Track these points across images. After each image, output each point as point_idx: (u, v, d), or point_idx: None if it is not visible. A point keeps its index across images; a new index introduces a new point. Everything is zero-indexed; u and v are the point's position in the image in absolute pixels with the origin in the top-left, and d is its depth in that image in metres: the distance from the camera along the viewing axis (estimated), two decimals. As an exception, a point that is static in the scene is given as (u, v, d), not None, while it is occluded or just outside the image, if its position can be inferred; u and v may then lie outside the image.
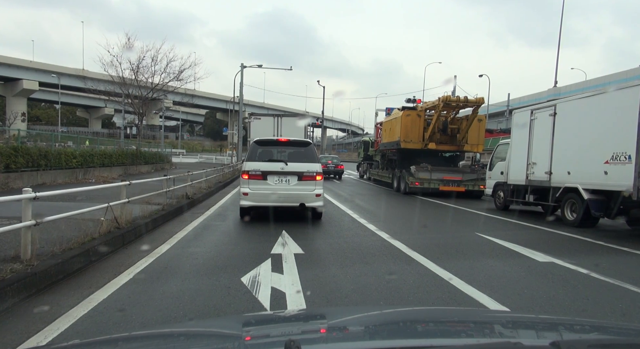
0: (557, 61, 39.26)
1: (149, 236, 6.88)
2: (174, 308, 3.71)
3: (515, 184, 11.59)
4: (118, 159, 20.88)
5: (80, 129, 74.34)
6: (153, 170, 24.62)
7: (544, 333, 1.52)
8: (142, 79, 23.63)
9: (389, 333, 1.51)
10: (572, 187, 9.27)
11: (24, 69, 56.46)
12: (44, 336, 3.08)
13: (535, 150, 10.72)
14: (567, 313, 3.91)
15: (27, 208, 4.46)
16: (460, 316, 1.85)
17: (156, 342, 1.51)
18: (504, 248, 6.69)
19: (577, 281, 4.99)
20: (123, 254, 5.68)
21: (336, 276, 4.86)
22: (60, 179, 15.11)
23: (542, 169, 10.34)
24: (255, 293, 4.11)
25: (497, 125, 43.13)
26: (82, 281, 4.43)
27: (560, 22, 56.07)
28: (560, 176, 9.76)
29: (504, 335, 1.52)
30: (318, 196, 8.19)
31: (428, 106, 16.85)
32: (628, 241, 7.89)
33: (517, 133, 11.62)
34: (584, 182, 8.99)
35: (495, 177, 12.82)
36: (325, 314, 2.01)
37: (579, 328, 1.61)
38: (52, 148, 15.68)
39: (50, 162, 14.67)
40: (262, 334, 1.55)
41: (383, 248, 6.44)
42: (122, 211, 6.76)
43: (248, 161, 8.41)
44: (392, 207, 13.51)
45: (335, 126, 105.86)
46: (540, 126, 10.58)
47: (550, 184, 10.08)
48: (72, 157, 16.33)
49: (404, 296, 4.23)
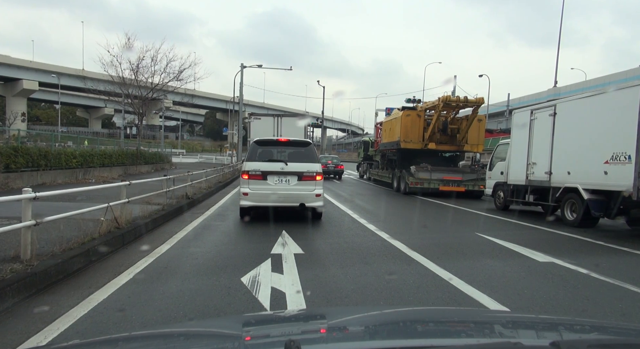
0: (557, 61, 39.33)
1: (148, 236, 6.88)
2: (173, 308, 3.71)
3: (515, 184, 11.59)
4: (118, 159, 20.87)
5: (80, 129, 74.35)
6: (153, 170, 24.61)
7: (544, 333, 1.52)
8: (142, 79, 23.65)
9: (389, 333, 1.51)
10: (572, 187, 9.27)
11: (24, 69, 56.48)
12: (43, 336, 3.08)
13: (535, 150, 10.72)
14: (568, 313, 3.91)
15: (26, 208, 4.46)
16: (460, 316, 1.85)
17: (156, 342, 1.51)
18: (504, 248, 6.69)
19: (577, 281, 4.99)
20: (123, 254, 5.68)
21: (336, 276, 4.86)
22: (60, 179, 15.10)
23: (542, 169, 10.34)
24: (255, 293, 4.11)
25: (497, 125, 43.14)
26: (82, 281, 4.43)
27: (560, 22, 56.20)
28: (560, 176, 9.76)
29: (504, 335, 1.52)
30: (318, 196, 8.19)
31: (428, 106, 16.86)
32: (628, 241, 7.89)
33: (517, 133, 11.62)
34: (584, 182, 8.99)
35: (495, 177, 12.82)
36: (325, 314, 2.01)
37: (578, 327, 1.61)
38: (52, 148, 15.66)
39: (50, 162, 14.66)
40: (262, 334, 1.55)
41: (383, 248, 6.44)
42: (122, 211, 6.76)
43: (248, 161, 8.40)
44: (392, 207, 13.51)
45: (335, 126, 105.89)
46: (540, 126, 10.58)
47: (550, 184, 10.08)
48: (72, 157, 16.31)
49: (404, 296, 4.23)
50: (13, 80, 56.64)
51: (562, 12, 43.12)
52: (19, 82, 56.68)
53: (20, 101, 58.61)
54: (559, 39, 50.42)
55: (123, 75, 23.06)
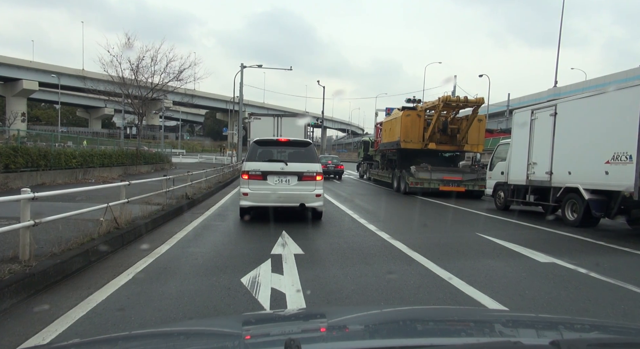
0: (557, 61, 39.31)
1: (148, 236, 6.85)
2: (173, 308, 3.69)
3: (516, 184, 11.57)
4: (118, 159, 20.82)
5: (80, 129, 74.36)
6: (153, 170, 24.53)
7: (544, 332, 1.51)
8: (142, 79, 23.61)
9: (389, 332, 1.51)
10: (573, 187, 9.25)
11: (24, 69, 56.48)
12: (42, 337, 3.07)
13: (535, 150, 10.69)
14: (569, 314, 3.89)
15: (25, 208, 4.44)
16: (460, 316, 1.85)
17: (156, 341, 1.50)
18: (504, 248, 6.67)
19: (579, 281, 4.97)
20: (122, 255, 5.65)
21: (337, 276, 4.84)
22: (60, 179, 15.06)
23: (542, 169, 10.32)
24: (255, 293, 4.09)
25: (497, 125, 43.10)
26: (81, 282, 4.40)
27: (561, 21, 56.44)
28: (560, 176, 9.74)
29: (503, 334, 1.51)
30: (318, 196, 8.16)
31: (428, 106, 16.86)
32: (629, 241, 7.87)
33: (518, 133, 11.60)
34: (585, 182, 8.96)
35: (495, 177, 12.80)
36: (325, 313, 2.01)
37: (578, 327, 1.60)
38: (51, 148, 15.60)
39: (50, 162, 14.62)
40: (262, 334, 1.54)
41: (383, 248, 6.42)
42: (122, 212, 6.72)
43: (248, 161, 8.37)
44: (392, 207, 13.49)
45: (335, 126, 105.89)
46: (540, 126, 10.56)
47: (550, 184, 10.06)
48: (71, 157, 16.25)
49: (405, 296, 4.21)
50: (13, 80, 56.63)
51: (562, 12, 43.01)
52: (18, 82, 56.67)
53: (20, 101, 58.60)
54: (559, 39, 50.69)
55: (123, 75, 23.06)
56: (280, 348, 1.02)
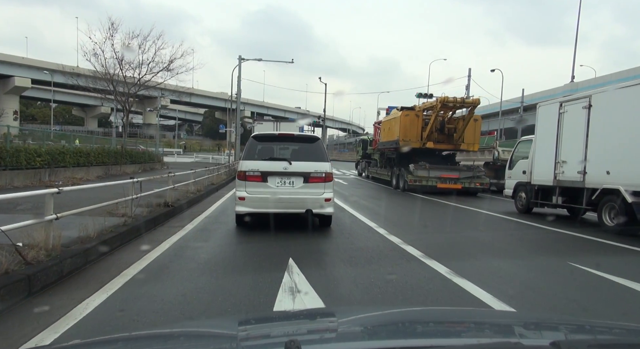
0: (574, 56, 37.39)
1: (75, 278, 4.30)
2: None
3: (541, 185, 10.54)
4: (98, 158, 18.31)
5: (75, 128, 72.99)
6: (140, 170, 22.00)
7: (544, 332, 1.51)
8: (127, 68, 21.86)
9: (389, 333, 1.47)
10: (613, 189, 8.21)
11: (16, 66, 55.17)
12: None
13: (565, 147, 9.65)
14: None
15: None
16: (460, 316, 1.82)
17: (156, 342, 1.47)
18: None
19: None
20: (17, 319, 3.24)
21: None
22: (19, 181, 12.39)
23: (574, 169, 9.27)
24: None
25: (500, 124, 42.00)
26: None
27: (578, 18, 56.60)
28: (596, 176, 8.69)
29: (504, 335, 1.49)
30: (328, 200, 6.94)
31: (426, 106, 17.38)
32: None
33: (543, 128, 10.55)
34: (627, 183, 7.94)
35: (516, 177, 11.77)
36: (325, 314, 2.04)
37: (579, 327, 1.57)
38: (7, 144, 12.90)
39: (5, 161, 12.05)
40: (262, 334, 1.50)
41: (430, 281, 5.33)
42: (45, 234, 4.43)
43: (245, 159, 7.08)
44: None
45: (335, 125, 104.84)
46: (571, 120, 9.51)
47: (584, 185, 9.02)
48: (35, 155, 13.46)
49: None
50: (4, 77, 55.39)
51: (579, 8, 42.38)
52: (10, 79, 55.37)
53: (12, 99, 57.32)
54: (576, 35, 50.13)
55: (106, 65, 21.34)
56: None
